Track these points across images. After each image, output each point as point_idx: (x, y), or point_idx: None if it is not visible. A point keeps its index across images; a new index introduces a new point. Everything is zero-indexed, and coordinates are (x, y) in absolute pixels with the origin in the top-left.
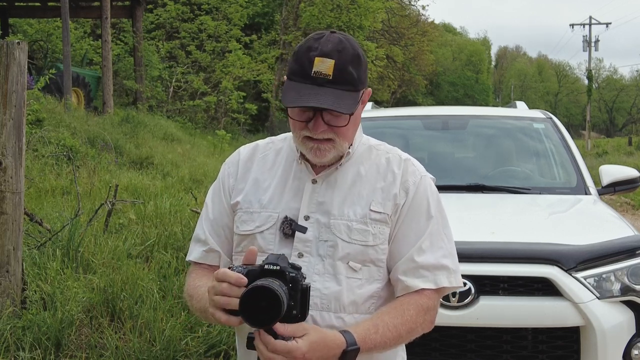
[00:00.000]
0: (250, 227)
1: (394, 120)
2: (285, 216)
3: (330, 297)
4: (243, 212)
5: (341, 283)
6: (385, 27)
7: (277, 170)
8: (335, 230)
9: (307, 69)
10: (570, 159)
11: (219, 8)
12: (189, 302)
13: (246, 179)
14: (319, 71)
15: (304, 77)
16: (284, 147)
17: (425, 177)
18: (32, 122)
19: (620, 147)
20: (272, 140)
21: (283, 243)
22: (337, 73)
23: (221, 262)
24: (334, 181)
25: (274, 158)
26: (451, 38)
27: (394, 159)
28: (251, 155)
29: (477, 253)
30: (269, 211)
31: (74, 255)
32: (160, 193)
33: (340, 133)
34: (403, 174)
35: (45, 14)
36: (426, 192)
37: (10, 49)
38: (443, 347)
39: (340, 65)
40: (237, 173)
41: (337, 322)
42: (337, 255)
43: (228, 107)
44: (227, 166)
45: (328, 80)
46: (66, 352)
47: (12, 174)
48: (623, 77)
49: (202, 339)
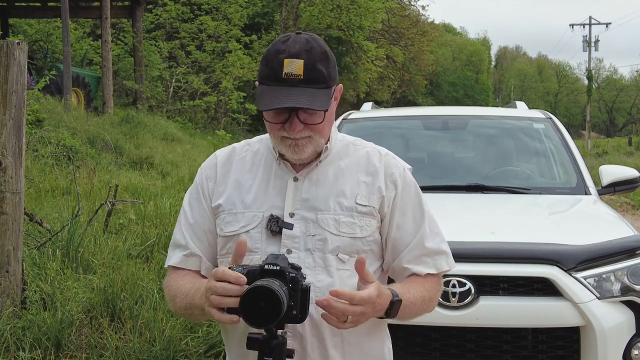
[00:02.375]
0: (235, 228)
1: (394, 120)
2: (271, 214)
3: (323, 290)
4: (226, 213)
5: (333, 275)
6: (385, 27)
7: (258, 171)
8: (324, 224)
9: (277, 71)
10: (570, 159)
11: (219, 8)
12: (172, 304)
13: (226, 181)
14: (290, 72)
15: (276, 79)
16: (261, 148)
17: (406, 168)
18: (32, 122)
19: (620, 147)
20: (248, 143)
21: (270, 241)
22: (308, 72)
23: (202, 266)
24: (315, 178)
25: (252, 159)
26: (451, 38)
27: (373, 153)
28: (228, 157)
29: (477, 253)
30: (254, 211)
31: (74, 255)
32: (160, 193)
33: (316, 130)
34: (386, 168)
35: (45, 14)
36: (412, 182)
37: (10, 49)
38: (443, 347)
39: (310, 64)
40: (215, 176)
41: None
42: (328, 249)
43: (228, 107)
44: (204, 170)
45: (300, 80)
46: (66, 352)
47: (12, 174)
48: (623, 77)
49: (202, 339)
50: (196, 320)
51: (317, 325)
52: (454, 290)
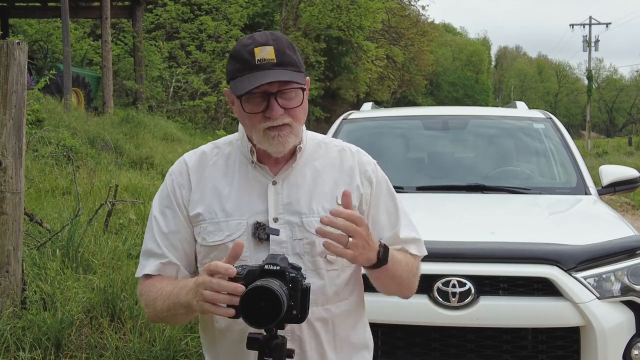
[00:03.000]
0: (220, 237)
1: (394, 120)
2: (256, 221)
3: (317, 292)
4: (207, 223)
5: (323, 277)
6: (385, 27)
7: (234, 177)
8: (309, 227)
9: (249, 60)
10: (570, 159)
11: (219, 8)
12: (150, 309)
13: (201, 188)
14: (262, 58)
15: (250, 68)
16: (232, 151)
17: (376, 164)
18: (32, 122)
19: (620, 147)
20: (217, 146)
21: (258, 248)
22: (279, 56)
23: (179, 275)
24: (294, 181)
25: (226, 163)
26: (451, 38)
27: (344, 152)
28: (200, 163)
29: (477, 253)
30: (237, 219)
31: (74, 255)
32: None
33: (295, 116)
34: (359, 165)
35: (45, 14)
36: (383, 177)
37: (10, 49)
38: (443, 347)
39: (280, 49)
40: (189, 183)
41: (326, 314)
42: (316, 252)
43: (228, 107)
44: (173, 176)
45: (273, 64)
46: (66, 352)
47: (12, 174)
48: (623, 77)
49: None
50: (176, 322)
51: (312, 327)
52: (454, 290)
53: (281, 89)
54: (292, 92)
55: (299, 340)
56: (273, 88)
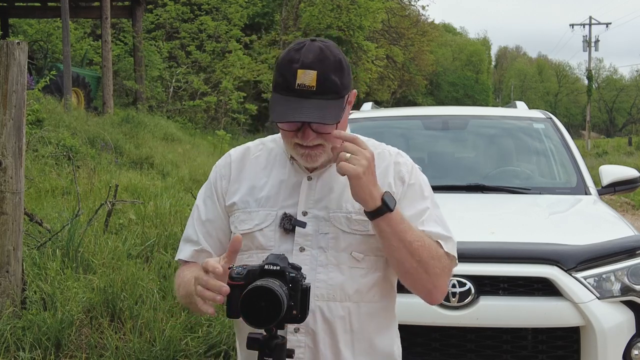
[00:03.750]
0: (249, 226)
1: (394, 120)
2: (285, 212)
3: (335, 288)
4: (241, 212)
5: (344, 273)
6: (385, 27)
7: (272, 170)
8: (336, 222)
9: (290, 81)
10: (570, 159)
11: (219, 8)
12: (177, 294)
13: (240, 179)
14: (302, 83)
15: (288, 90)
16: (275, 147)
17: (415, 166)
18: (32, 122)
19: (620, 147)
20: (262, 142)
21: (283, 239)
22: (320, 83)
23: None
24: (328, 178)
25: (267, 158)
26: (451, 38)
27: (383, 153)
28: (242, 156)
29: (477, 253)
30: (267, 209)
31: (74, 255)
32: (160, 193)
33: (329, 139)
34: (395, 166)
35: (45, 14)
36: (419, 178)
37: (10, 49)
38: (443, 347)
39: (323, 76)
40: (229, 175)
41: (344, 312)
42: (340, 247)
43: (228, 107)
44: (218, 168)
45: (312, 92)
46: (66, 352)
47: (12, 174)
48: (623, 77)
49: (202, 339)
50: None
51: (329, 322)
52: (454, 290)
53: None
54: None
55: (312, 334)
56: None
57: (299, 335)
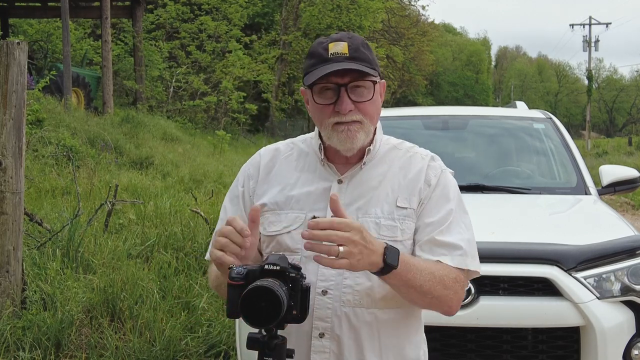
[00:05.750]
0: (277, 228)
1: (394, 120)
2: (313, 216)
3: (362, 293)
4: (270, 213)
5: (372, 279)
6: (385, 27)
7: (302, 172)
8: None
9: (323, 54)
10: (570, 159)
11: (219, 8)
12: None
13: (269, 180)
14: (336, 52)
15: (322, 61)
16: (305, 148)
17: (445, 170)
18: (32, 122)
19: (620, 147)
20: (293, 142)
21: None
22: (352, 52)
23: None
24: (359, 182)
25: (297, 159)
26: (451, 38)
27: (415, 157)
28: (272, 157)
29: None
30: (296, 212)
31: (74, 255)
32: (160, 193)
33: (366, 112)
34: (426, 170)
35: (45, 14)
36: (447, 184)
37: (10, 49)
38: (443, 347)
39: (354, 46)
40: (258, 175)
41: (370, 318)
42: None
43: (228, 107)
44: (247, 168)
45: (346, 57)
46: (66, 352)
47: (12, 174)
48: (623, 77)
49: (202, 339)
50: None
51: (354, 329)
52: None
53: (352, 81)
54: (364, 88)
55: (337, 340)
56: (344, 80)
57: (324, 341)
